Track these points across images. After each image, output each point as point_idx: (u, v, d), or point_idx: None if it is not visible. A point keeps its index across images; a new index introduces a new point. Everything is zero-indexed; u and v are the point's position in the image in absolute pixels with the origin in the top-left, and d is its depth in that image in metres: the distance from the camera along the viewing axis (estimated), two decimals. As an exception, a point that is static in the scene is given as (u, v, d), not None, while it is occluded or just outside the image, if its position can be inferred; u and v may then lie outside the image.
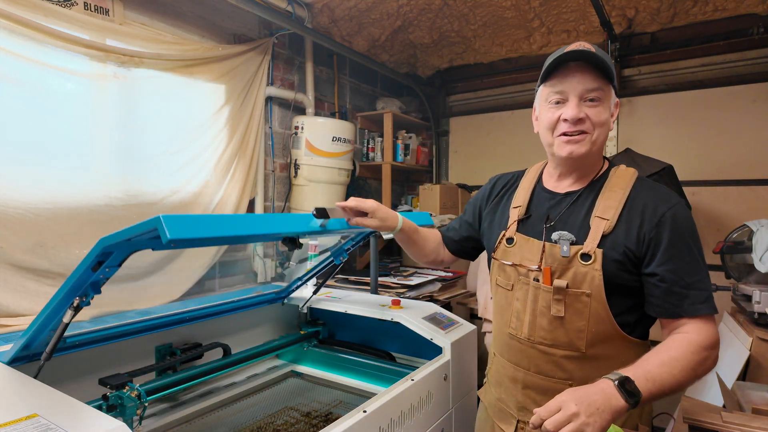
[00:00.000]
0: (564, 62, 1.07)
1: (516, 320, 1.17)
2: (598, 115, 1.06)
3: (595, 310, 1.06)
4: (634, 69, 3.32)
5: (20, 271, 1.77)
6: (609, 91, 1.08)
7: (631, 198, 1.08)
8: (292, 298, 2.06)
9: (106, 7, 2.06)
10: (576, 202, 1.14)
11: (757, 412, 1.66)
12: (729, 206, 3.03)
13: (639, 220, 1.05)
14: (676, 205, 1.07)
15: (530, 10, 2.91)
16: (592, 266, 1.04)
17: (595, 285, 1.04)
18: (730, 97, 3.01)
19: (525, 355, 1.15)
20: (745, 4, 2.71)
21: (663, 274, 1.03)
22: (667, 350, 0.99)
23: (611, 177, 1.14)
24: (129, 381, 1.30)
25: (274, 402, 1.68)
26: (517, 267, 1.17)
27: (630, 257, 1.04)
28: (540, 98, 1.15)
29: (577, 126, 1.07)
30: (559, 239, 1.09)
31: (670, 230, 1.04)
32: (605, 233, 1.05)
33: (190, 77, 2.35)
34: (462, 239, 1.46)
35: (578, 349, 1.08)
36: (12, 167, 1.76)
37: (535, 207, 1.21)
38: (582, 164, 1.15)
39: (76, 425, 0.86)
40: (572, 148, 1.08)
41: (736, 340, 2.38)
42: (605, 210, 1.08)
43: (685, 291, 1.02)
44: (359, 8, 2.80)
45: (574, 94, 1.06)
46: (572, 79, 1.06)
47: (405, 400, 1.38)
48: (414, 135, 3.81)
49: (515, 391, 1.19)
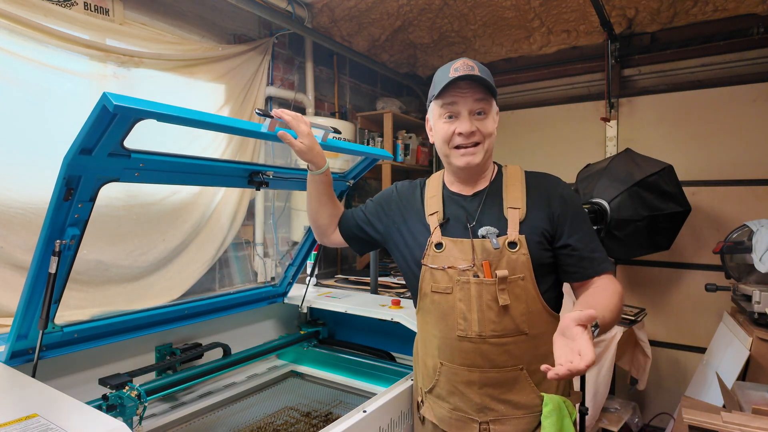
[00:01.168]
0: (454, 82, 1.16)
1: (463, 321, 1.18)
2: (486, 126, 1.20)
3: (529, 292, 1.17)
4: (634, 69, 3.32)
5: (20, 271, 1.77)
6: (492, 103, 1.22)
7: (528, 187, 1.24)
8: (291, 298, 2.06)
9: (106, 7, 2.06)
10: (485, 200, 1.25)
11: (757, 412, 1.66)
12: (729, 206, 3.03)
13: (544, 203, 1.21)
14: (564, 185, 1.27)
15: (530, 10, 2.91)
16: (519, 252, 1.16)
17: (526, 268, 1.16)
18: (730, 97, 3.01)
19: (478, 353, 1.17)
20: (745, 4, 2.71)
21: (574, 243, 1.19)
22: (603, 295, 1.12)
23: (506, 174, 1.29)
24: (129, 381, 1.30)
25: (274, 402, 1.68)
26: (449, 270, 1.19)
27: (546, 236, 1.19)
28: (433, 113, 1.26)
29: (470, 138, 1.19)
30: (487, 233, 1.18)
31: (570, 206, 1.22)
32: (521, 220, 1.19)
33: (190, 77, 2.35)
34: (358, 228, 1.43)
35: (523, 332, 1.16)
36: (12, 167, 1.76)
37: (449, 211, 1.28)
38: (479, 170, 1.26)
39: (76, 425, 0.86)
40: (469, 159, 1.20)
41: (736, 340, 2.38)
42: (514, 201, 1.22)
43: (592, 255, 1.19)
44: (359, 8, 2.80)
45: (465, 109, 1.18)
46: (463, 96, 1.18)
47: (405, 400, 1.39)
48: (414, 135, 3.81)
49: (472, 394, 1.19)
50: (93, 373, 1.39)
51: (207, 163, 1.34)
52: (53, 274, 1.10)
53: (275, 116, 1.22)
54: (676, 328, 3.19)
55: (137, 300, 2.11)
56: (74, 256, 1.17)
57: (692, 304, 3.14)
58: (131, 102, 0.94)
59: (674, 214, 2.57)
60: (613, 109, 3.31)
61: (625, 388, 3.04)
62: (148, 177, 1.24)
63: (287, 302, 2.06)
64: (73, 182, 1.06)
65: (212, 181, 1.46)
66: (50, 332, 1.25)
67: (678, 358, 3.19)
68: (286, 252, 2.93)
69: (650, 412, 3.15)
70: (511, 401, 1.17)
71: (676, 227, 2.67)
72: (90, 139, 1.01)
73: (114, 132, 1.01)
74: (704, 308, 3.09)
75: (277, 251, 2.89)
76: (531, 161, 3.61)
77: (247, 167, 1.47)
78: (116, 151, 1.09)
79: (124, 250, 2.08)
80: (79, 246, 1.16)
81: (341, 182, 1.80)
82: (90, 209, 1.13)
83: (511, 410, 1.17)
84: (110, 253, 2.02)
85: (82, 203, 1.10)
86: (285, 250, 2.93)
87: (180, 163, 1.27)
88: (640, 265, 3.29)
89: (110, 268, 2.02)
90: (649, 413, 3.16)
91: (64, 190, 1.05)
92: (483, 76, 1.16)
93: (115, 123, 0.98)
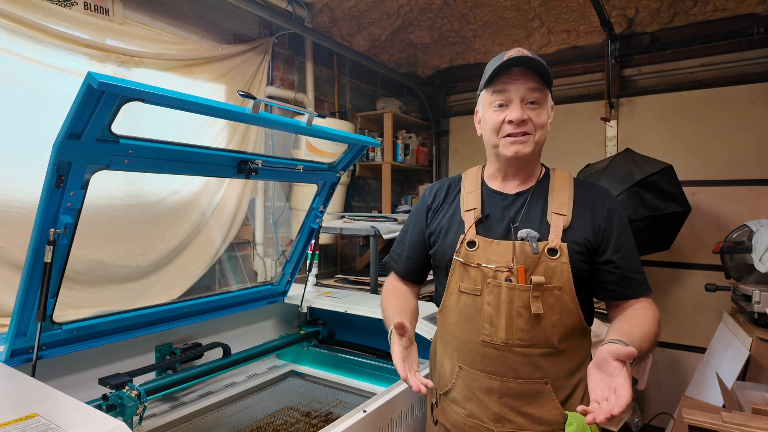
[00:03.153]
0: (506, 68, 1.12)
1: (489, 326, 1.12)
2: (539, 116, 1.14)
3: (566, 303, 1.10)
4: (634, 69, 3.32)
5: (20, 271, 1.77)
6: (547, 95, 1.16)
7: (576, 195, 1.18)
8: (291, 297, 2.06)
9: (106, 6, 2.06)
10: (529, 201, 1.19)
11: (757, 412, 1.66)
12: (729, 206, 3.03)
13: (590, 214, 1.16)
14: (614, 200, 1.21)
15: (530, 10, 2.91)
16: (559, 260, 1.10)
17: (564, 278, 1.10)
18: (730, 97, 3.01)
19: (501, 361, 1.11)
20: (745, 4, 2.71)
21: (617, 261, 1.13)
22: (641, 321, 1.07)
23: (553, 177, 1.23)
24: (129, 381, 1.30)
25: (274, 402, 1.68)
26: (483, 268, 1.13)
27: (589, 248, 1.13)
28: (483, 102, 1.21)
29: (520, 127, 1.13)
30: (527, 236, 1.12)
31: (617, 222, 1.16)
32: (565, 228, 1.13)
33: (190, 77, 2.35)
34: (420, 265, 1.36)
35: (552, 345, 1.10)
36: (12, 167, 1.76)
37: (489, 208, 1.21)
38: (526, 164, 1.21)
39: (76, 425, 0.86)
40: (518, 148, 1.14)
41: (736, 340, 2.38)
42: (560, 207, 1.16)
43: (633, 275, 1.14)
44: (359, 8, 2.80)
45: (517, 97, 1.13)
46: (515, 83, 1.12)
47: (405, 400, 1.38)
48: (414, 135, 3.81)
49: (490, 402, 1.13)
50: (93, 373, 1.39)
51: (196, 150, 1.35)
52: (49, 264, 1.11)
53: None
54: (676, 328, 3.19)
55: (137, 300, 2.11)
56: (69, 247, 1.17)
57: (692, 304, 3.14)
58: (115, 80, 0.95)
59: (674, 214, 2.57)
60: (613, 109, 3.31)
61: (625, 388, 3.04)
62: (138, 165, 1.24)
63: (287, 302, 2.06)
64: (64, 169, 1.08)
65: (202, 170, 1.45)
66: (50, 330, 1.25)
67: (678, 358, 3.19)
68: (285, 252, 2.93)
69: (650, 412, 3.15)
70: (532, 415, 1.11)
71: (676, 227, 2.67)
72: (78, 122, 1.02)
73: (101, 114, 1.03)
74: (704, 308, 3.09)
75: (277, 251, 2.89)
76: (531, 161, 3.60)
77: (236, 155, 1.47)
78: (105, 137, 1.10)
79: (124, 250, 2.08)
80: (73, 236, 1.17)
81: (331, 173, 1.80)
82: (82, 198, 1.15)
83: (530, 424, 1.11)
84: (110, 253, 2.02)
85: (74, 191, 1.12)
86: (285, 250, 2.93)
87: (168, 150, 1.27)
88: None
89: (110, 268, 2.02)
90: (649, 413, 3.16)
91: (55, 176, 1.07)
92: (538, 60, 1.10)
93: (102, 104, 1.00)
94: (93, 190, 2.10)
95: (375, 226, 2.56)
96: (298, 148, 2.89)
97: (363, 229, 2.59)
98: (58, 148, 1.04)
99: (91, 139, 1.08)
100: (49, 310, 1.20)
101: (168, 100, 1.07)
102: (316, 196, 1.88)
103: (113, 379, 1.29)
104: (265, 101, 1.24)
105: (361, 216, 2.99)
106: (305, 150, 2.87)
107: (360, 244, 3.70)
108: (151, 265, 2.19)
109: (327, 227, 2.65)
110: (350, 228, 2.64)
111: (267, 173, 1.58)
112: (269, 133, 2.89)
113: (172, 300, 2.21)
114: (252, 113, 1.24)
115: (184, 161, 1.35)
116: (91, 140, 1.08)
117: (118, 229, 2.06)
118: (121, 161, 1.19)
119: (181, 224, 2.31)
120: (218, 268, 2.58)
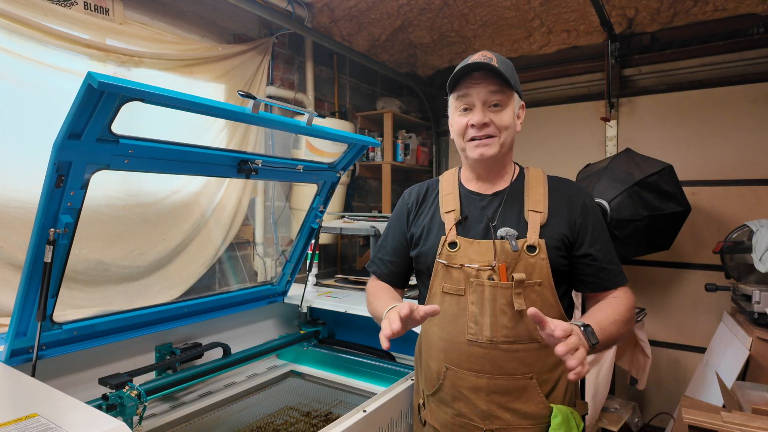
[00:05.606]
0: (468, 72, 1.15)
1: (474, 325, 1.14)
2: (501, 119, 1.16)
3: (546, 298, 1.14)
4: (634, 69, 3.32)
5: (20, 271, 1.77)
6: (511, 96, 1.18)
7: (551, 192, 1.22)
8: (291, 297, 2.06)
9: (106, 6, 2.06)
10: (506, 201, 1.22)
11: (757, 412, 1.66)
12: (729, 206, 3.03)
13: (566, 210, 1.19)
14: (588, 195, 1.24)
15: (530, 10, 2.91)
16: (538, 256, 1.13)
17: (544, 273, 1.13)
18: (730, 97, 3.01)
19: (487, 359, 1.13)
20: (745, 4, 2.71)
21: (594, 253, 1.18)
22: (611, 309, 1.12)
23: (528, 176, 1.26)
24: (129, 380, 1.30)
25: (274, 402, 1.68)
26: (466, 269, 1.15)
27: (566, 243, 1.17)
28: (450, 107, 1.24)
29: (483, 130, 1.16)
30: (506, 235, 1.14)
31: (592, 216, 1.20)
32: (542, 224, 1.16)
33: (190, 77, 2.35)
34: (403, 269, 1.38)
35: (536, 340, 1.12)
36: (12, 167, 1.76)
37: (467, 209, 1.24)
38: (495, 165, 1.23)
39: (76, 425, 0.86)
40: (482, 150, 1.17)
41: (736, 340, 2.38)
42: (536, 204, 1.19)
43: (610, 267, 1.19)
44: (359, 8, 2.80)
45: (479, 100, 1.16)
46: (476, 86, 1.16)
47: (405, 400, 1.39)
48: (414, 135, 3.81)
49: (478, 400, 1.14)
50: (93, 373, 1.39)
51: (196, 150, 1.35)
52: (49, 264, 1.11)
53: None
54: (676, 328, 3.19)
55: (137, 300, 2.11)
56: (69, 246, 1.17)
57: (692, 304, 3.14)
58: (115, 80, 0.95)
59: (674, 214, 2.57)
60: (613, 108, 3.31)
61: (624, 388, 3.04)
62: (138, 165, 1.24)
63: (287, 302, 2.06)
64: (64, 168, 1.08)
65: (202, 170, 1.46)
66: (50, 330, 1.25)
67: (678, 358, 3.19)
68: (285, 251, 2.93)
69: (650, 412, 3.15)
70: (519, 410, 1.13)
71: (676, 227, 2.67)
72: (78, 122, 1.02)
73: (101, 114, 1.03)
74: (704, 308, 3.09)
75: (277, 251, 2.89)
76: (531, 161, 3.60)
77: (236, 155, 1.47)
78: (105, 137, 1.10)
79: (124, 250, 2.08)
80: (73, 236, 1.17)
81: (331, 173, 1.80)
82: (82, 198, 1.15)
83: (517, 420, 1.13)
84: (110, 252, 2.02)
85: (74, 191, 1.12)
86: (285, 250, 2.93)
87: (168, 149, 1.27)
88: (640, 265, 3.29)
89: (110, 268, 2.02)
90: (649, 413, 3.16)
91: (55, 176, 1.07)
92: (499, 67, 1.12)
93: (102, 104, 1.00)
94: (93, 190, 2.10)
95: (375, 226, 2.57)
96: (298, 148, 2.89)
97: (363, 229, 2.59)
98: (58, 147, 1.04)
99: (91, 139, 1.08)
100: (49, 309, 1.20)
101: (168, 99, 1.07)
102: (316, 196, 1.88)
103: (113, 379, 1.29)
104: (265, 101, 1.25)
105: (361, 216, 2.99)
106: (305, 150, 2.87)
107: (360, 244, 3.70)
108: (151, 264, 2.19)
109: (327, 227, 2.65)
110: (350, 228, 2.64)
111: (267, 173, 1.59)
112: (269, 133, 2.89)
113: (172, 300, 2.21)
114: (252, 113, 1.24)
115: (184, 161, 1.35)
116: (91, 140, 1.08)
117: (118, 229, 2.06)
118: (121, 161, 1.19)
119: (181, 224, 2.31)
120: (218, 268, 2.58)
